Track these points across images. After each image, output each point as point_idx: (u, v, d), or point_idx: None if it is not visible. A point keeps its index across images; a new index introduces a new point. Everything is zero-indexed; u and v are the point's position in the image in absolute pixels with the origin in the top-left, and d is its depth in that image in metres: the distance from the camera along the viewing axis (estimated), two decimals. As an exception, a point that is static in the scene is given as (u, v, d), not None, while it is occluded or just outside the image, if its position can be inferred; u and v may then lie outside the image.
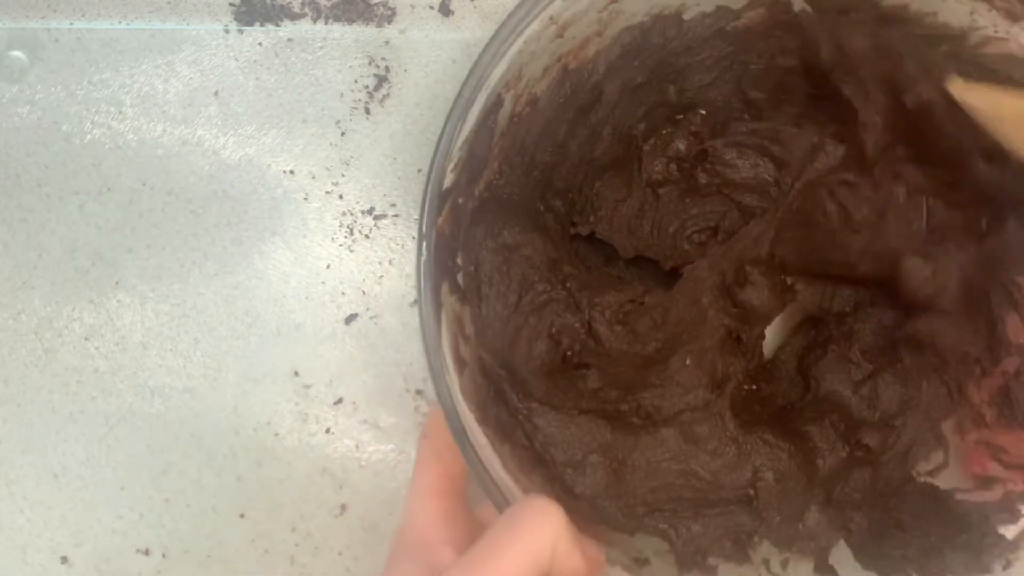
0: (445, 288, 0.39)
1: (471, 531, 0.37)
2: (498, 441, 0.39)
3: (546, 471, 0.41)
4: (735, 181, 0.47)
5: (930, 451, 0.44)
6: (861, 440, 0.44)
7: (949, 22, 0.41)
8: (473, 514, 0.40)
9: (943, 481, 0.43)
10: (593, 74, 0.43)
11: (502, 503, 0.37)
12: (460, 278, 0.40)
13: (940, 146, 0.42)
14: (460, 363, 0.39)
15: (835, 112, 0.45)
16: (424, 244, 0.38)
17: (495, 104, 0.40)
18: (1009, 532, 0.40)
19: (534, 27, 0.39)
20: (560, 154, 0.44)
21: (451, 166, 0.38)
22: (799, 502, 0.43)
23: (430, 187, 0.38)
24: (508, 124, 0.41)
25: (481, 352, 0.40)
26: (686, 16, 0.43)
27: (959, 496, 0.42)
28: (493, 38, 0.38)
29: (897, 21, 0.42)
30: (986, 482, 0.42)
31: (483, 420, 0.39)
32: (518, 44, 0.39)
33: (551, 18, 0.39)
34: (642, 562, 0.40)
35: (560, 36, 0.40)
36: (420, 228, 0.38)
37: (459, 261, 0.40)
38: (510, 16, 0.38)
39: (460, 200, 0.39)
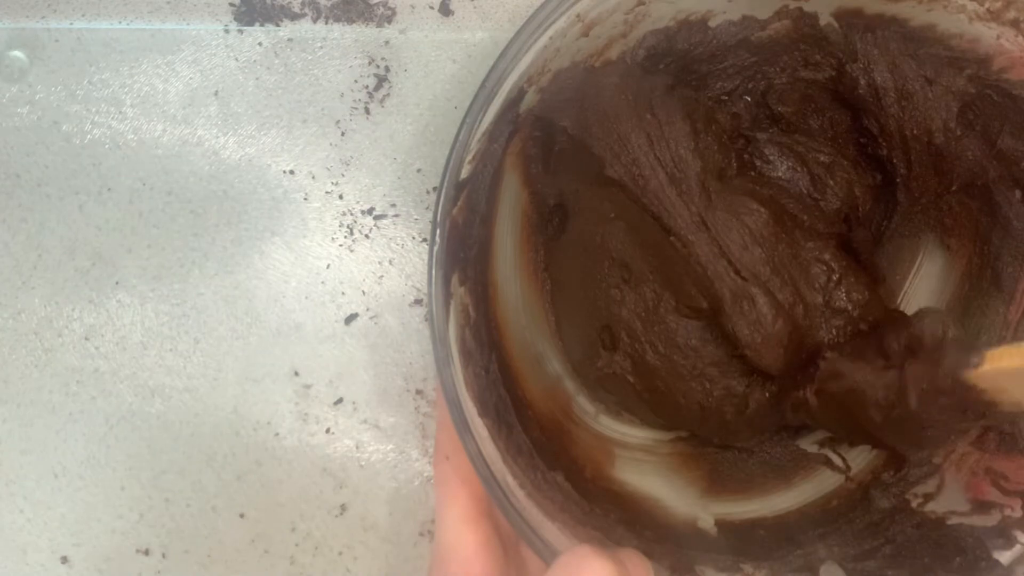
0: (455, 279, 0.39)
1: (507, 558, 0.37)
2: (497, 434, 0.40)
3: (544, 469, 0.42)
4: (770, 177, 0.47)
5: (927, 475, 0.44)
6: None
7: (975, 45, 0.41)
8: (505, 535, 0.39)
9: (939, 503, 0.43)
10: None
11: (501, 498, 0.37)
12: (469, 269, 0.40)
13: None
14: (465, 355, 0.39)
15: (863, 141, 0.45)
16: (438, 233, 0.38)
17: (517, 97, 0.40)
18: (1004, 557, 0.40)
19: (560, 23, 0.39)
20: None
21: (469, 157, 0.38)
22: None
23: (447, 177, 0.38)
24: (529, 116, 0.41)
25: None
26: (712, 23, 0.43)
27: (954, 520, 0.42)
28: (520, 31, 0.38)
29: (923, 41, 0.42)
30: (983, 507, 0.42)
31: (483, 413, 0.39)
32: (543, 39, 0.39)
33: (578, 16, 0.39)
34: None
35: (585, 35, 0.40)
36: (434, 217, 0.38)
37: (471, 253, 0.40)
38: (538, 10, 0.38)
39: (476, 192, 0.40)
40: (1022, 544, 0.40)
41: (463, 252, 0.40)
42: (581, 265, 0.45)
